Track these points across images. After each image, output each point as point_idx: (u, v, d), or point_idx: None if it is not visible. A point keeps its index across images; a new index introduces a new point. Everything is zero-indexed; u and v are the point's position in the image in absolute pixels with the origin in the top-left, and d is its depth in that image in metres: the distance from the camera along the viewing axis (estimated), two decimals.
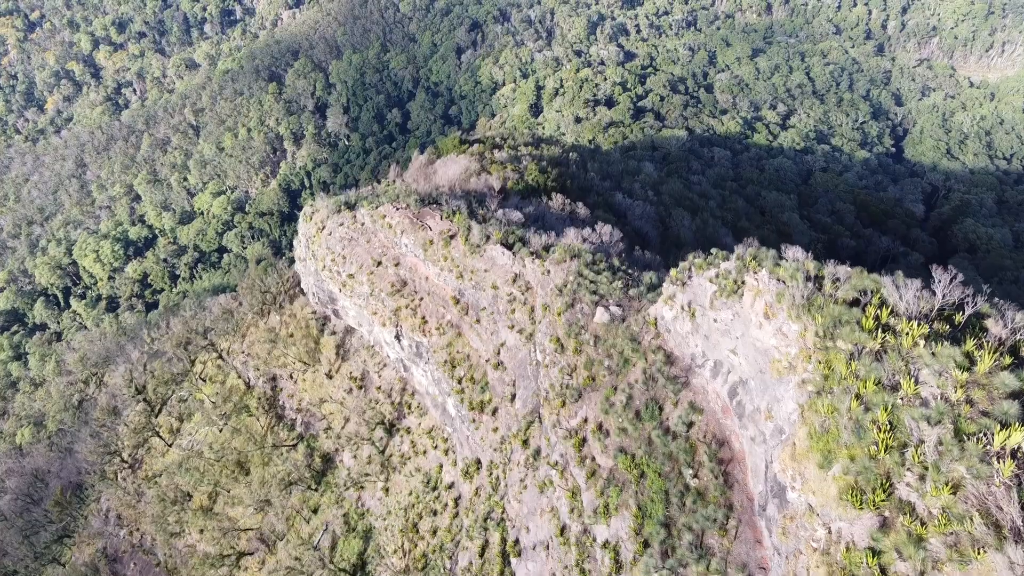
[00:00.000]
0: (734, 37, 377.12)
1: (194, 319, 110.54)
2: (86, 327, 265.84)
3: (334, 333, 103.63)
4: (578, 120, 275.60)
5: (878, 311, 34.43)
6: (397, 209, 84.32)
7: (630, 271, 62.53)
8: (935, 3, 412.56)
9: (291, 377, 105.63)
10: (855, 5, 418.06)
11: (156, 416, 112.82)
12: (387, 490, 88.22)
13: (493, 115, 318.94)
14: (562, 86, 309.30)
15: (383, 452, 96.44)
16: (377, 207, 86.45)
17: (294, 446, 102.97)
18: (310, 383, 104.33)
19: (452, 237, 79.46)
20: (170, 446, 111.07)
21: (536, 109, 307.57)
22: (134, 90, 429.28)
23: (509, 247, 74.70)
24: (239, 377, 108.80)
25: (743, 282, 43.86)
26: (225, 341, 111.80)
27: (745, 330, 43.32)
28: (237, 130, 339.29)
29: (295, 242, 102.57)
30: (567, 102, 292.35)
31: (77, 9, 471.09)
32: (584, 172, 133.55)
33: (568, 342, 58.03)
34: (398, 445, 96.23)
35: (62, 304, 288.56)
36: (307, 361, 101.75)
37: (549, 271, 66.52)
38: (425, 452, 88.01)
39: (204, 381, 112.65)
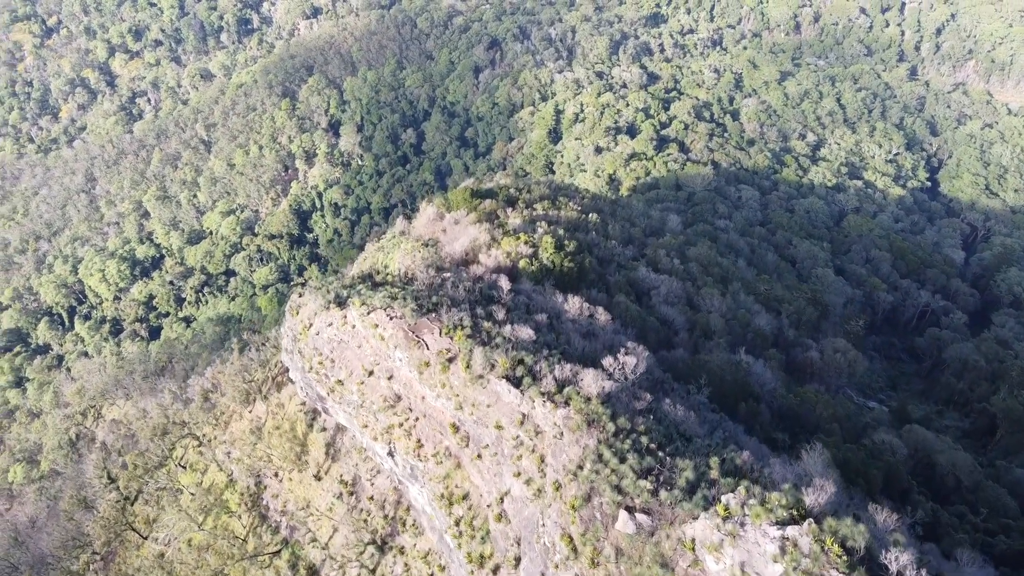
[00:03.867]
0: (761, 58, 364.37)
1: (172, 406, 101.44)
2: (88, 353, 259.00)
3: (324, 430, 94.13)
4: (599, 150, 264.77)
5: None
6: (391, 319, 74.45)
7: (661, 452, 52.02)
8: (971, 24, 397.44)
9: (276, 475, 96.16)
10: (887, 25, 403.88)
11: (132, 504, 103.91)
12: None
13: (511, 139, 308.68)
14: (582, 111, 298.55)
15: (373, 573, 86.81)
16: (369, 312, 76.56)
17: (277, 552, 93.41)
18: (297, 484, 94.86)
19: (451, 360, 69.47)
20: (145, 539, 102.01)
21: (555, 135, 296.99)
22: (148, 100, 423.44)
23: (517, 382, 64.64)
24: (220, 470, 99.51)
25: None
26: (207, 426, 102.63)
27: None
28: (249, 147, 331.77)
29: (282, 329, 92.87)
30: (587, 130, 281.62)
31: (94, 15, 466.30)
32: (605, 239, 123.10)
33: (583, 548, 47.95)
34: (390, 566, 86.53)
35: (66, 324, 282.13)
36: (294, 461, 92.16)
37: (562, 434, 56.42)
38: None
39: (183, 469, 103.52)
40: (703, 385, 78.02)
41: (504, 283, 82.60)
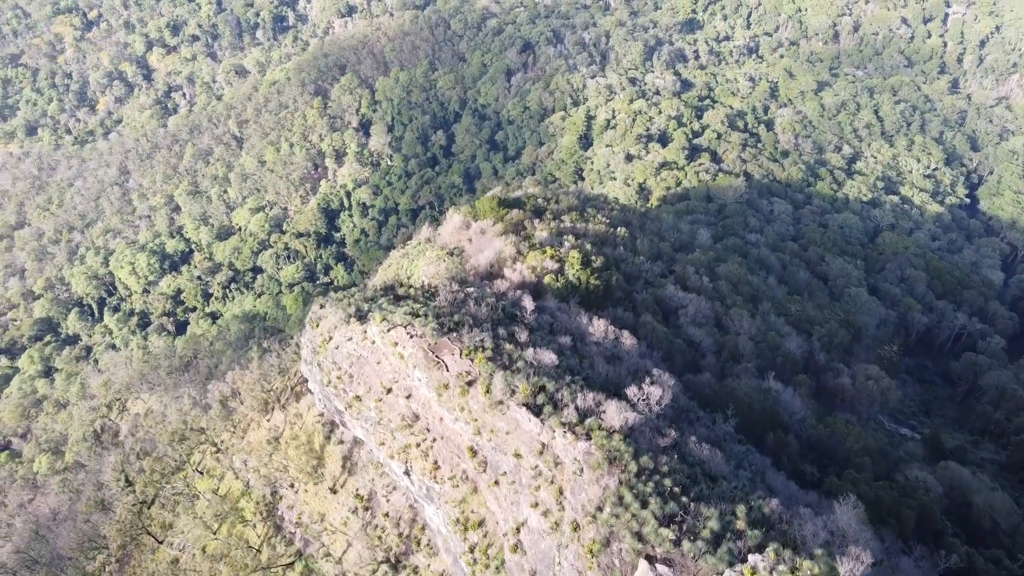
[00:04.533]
0: (798, 68, 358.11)
1: (192, 412, 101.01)
2: (115, 346, 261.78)
3: (341, 442, 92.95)
4: (629, 158, 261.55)
5: None
6: (411, 337, 72.91)
7: (685, 497, 49.78)
8: (1016, 38, 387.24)
9: (292, 486, 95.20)
10: (929, 36, 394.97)
11: (149, 508, 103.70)
12: None
13: (541, 143, 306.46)
14: (614, 117, 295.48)
15: None
16: (389, 329, 75.10)
17: (291, 564, 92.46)
18: (312, 496, 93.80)
19: (471, 384, 67.77)
20: (161, 543, 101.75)
21: (586, 141, 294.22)
22: (183, 94, 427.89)
23: (537, 411, 62.74)
24: (236, 477, 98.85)
25: None
26: (225, 432, 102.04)
27: None
28: (280, 144, 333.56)
29: (302, 339, 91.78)
30: (619, 136, 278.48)
31: (134, 10, 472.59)
32: (633, 254, 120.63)
33: None
34: None
35: (96, 315, 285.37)
36: (309, 473, 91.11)
37: (583, 470, 54.42)
38: None
39: (200, 474, 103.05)
40: (730, 416, 75.40)
41: (528, 303, 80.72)
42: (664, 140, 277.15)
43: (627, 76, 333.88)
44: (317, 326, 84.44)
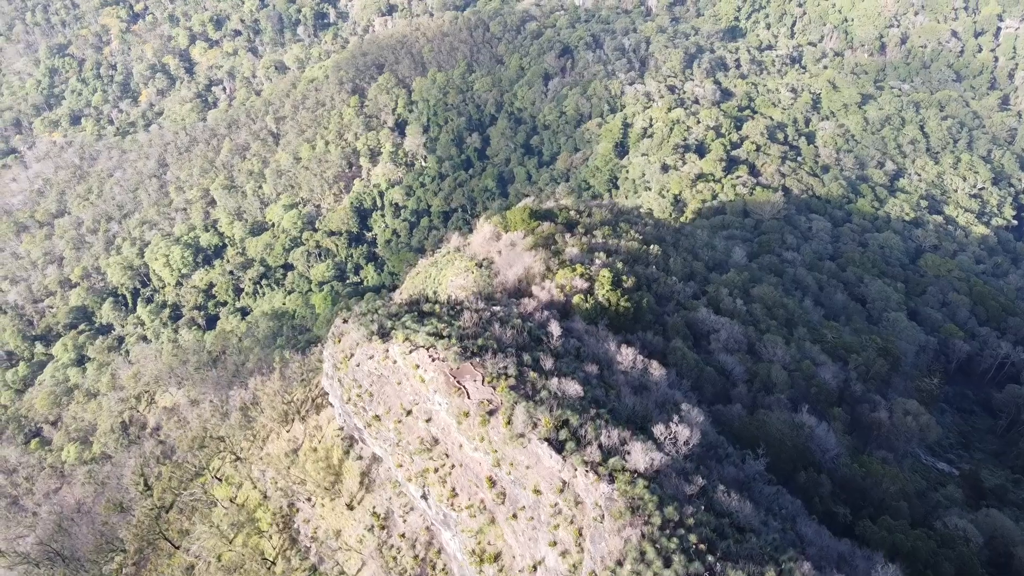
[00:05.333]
0: (842, 79, 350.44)
1: (212, 419, 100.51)
2: (146, 337, 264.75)
3: (360, 458, 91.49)
4: (665, 168, 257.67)
5: None
6: (433, 360, 71.08)
7: (711, 556, 47.19)
8: None
9: (309, 500, 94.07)
10: (980, 51, 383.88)
11: (167, 512, 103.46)
12: None
13: (576, 150, 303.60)
14: (651, 126, 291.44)
15: None
16: (411, 351, 73.33)
17: None
18: (329, 511, 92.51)
19: (492, 413, 65.73)
20: (177, 548, 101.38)
21: (622, 149, 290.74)
22: (223, 88, 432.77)
23: (559, 446, 60.49)
24: (254, 487, 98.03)
25: None
26: (245, 440, 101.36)
27: None
28: (315, 142, 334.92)
29: (325, 354, 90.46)
30: (655, 145, 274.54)
31: (179, 3, 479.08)
32: (665, 274, 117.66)
33: None
34: None
35: (129, 306, 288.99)
36: (326, 488, 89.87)
37: (604, 517, 52.06)
38: None
39: (219, 481, 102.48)
40: (761, 455, 72.41)
41: (555, 327, 78.44)
42: (701, 151, 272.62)
43: (666, 84, 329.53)
44: (339, 341, 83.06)
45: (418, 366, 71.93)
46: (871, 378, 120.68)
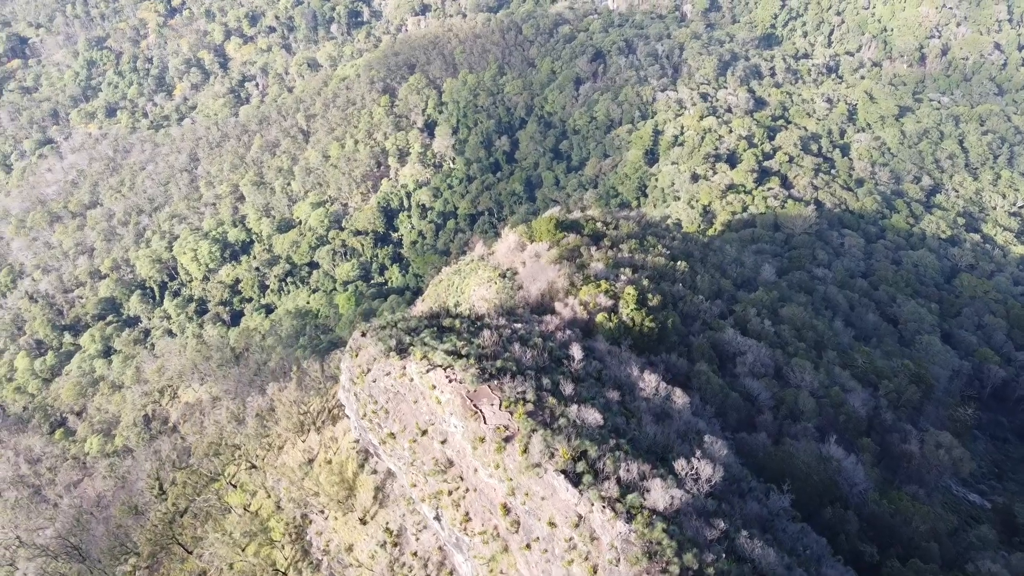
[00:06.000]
0: (879, 91, 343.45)
1: (228, 426, 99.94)
2: (172, 331, 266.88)
3: (375, 472, 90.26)
4: (695, 178, 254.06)
5: None
6: (449, 381, 69.51)
7: None
8: None
9: (322, 512, 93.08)
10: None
11: (181, 516, 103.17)
12: None
13: (606, 156, 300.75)
14: (682, 133, 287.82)
15: None
16: (428, 370, 71.80)
17: None
18: (341, 524, 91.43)
19: (508, 440, 63.97)
20: (190, 553, 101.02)
21: (652, 157, 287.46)
22: (256, 84, 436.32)
23: (576, 479, 58.58)
24: (268, 496, 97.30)
25: None
26: (261, 448, 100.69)
27: None
28: (345, 140, 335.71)
29: (342, 365, 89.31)
30: (686, 154, 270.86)
31: None
32: (692, 292, 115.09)
33: None
34: None
35: (156, 299, 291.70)
36: (340, 502, 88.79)
37: (619, 560, 50.07)
38: None
39: (234, 487, 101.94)
40: (786, 490, 69.86)
41: (576, 351, 76.41)
42: (733, 161, 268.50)
43: (699, 91, 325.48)
44: (356, 356, 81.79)
45: (435, 386, 70.44)
46: (902, 405, 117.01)
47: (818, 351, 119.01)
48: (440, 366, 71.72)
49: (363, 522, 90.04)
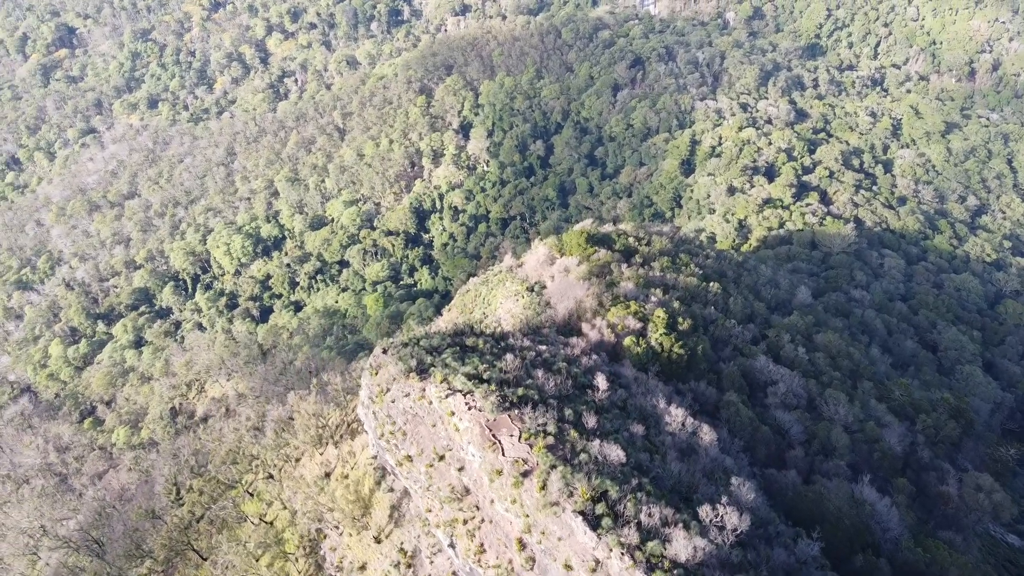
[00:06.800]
0: (925, 105, 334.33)
1: (247, 435, 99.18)
2: (202, 325, 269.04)
3: (391, 491, 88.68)
4: (732, 191, 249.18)
5: None
6: (469, 408, 67.57)
7: None
8: None
9: (337, 527, 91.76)
10: None
11: (198, 522, 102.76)
12: None
13: (641, 164, 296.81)
14: (720, 144, 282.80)
15: None
16: (447, 395, 69.91)
17: None
18: (356, 540, 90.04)
19: (526, 475, 61.78)
20: (205, 559, 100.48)
21: (688, 167, 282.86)
22: (295, 80, 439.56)
23: (595, 522, 56.23)
24: (284, 507, 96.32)
25: None
26: (278, 459, 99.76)
27: None
28: (379, 139, 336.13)
29: (363, 381, 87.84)
30: (723, 166, 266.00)
31: None
32: (724, 315, 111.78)
33: None
34: None
35: (189, 291, 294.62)
36: (354, 519, 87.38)
37: None
38: None
39: (251, 495, 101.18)
40: (816, 537, 66.71)
41: (601, 381, 73.88)
42: (771, 174, 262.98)
43: (738, 101, 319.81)
44: (376, 374, 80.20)
45: (453, 413, 68.53)
46: (940, 441, 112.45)
47: (853, 381, 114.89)
48: (460, 391, 69.82)
49: (378, 540, 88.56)
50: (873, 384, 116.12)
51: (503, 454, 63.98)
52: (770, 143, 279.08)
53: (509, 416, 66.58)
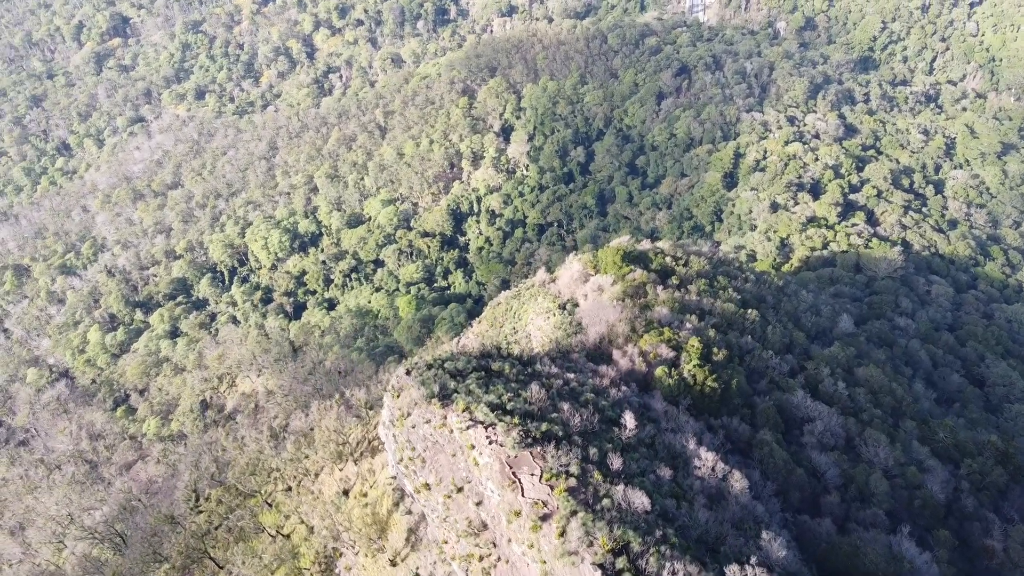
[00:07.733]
0: (982, 125, 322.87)
1: (267, 448, 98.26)
2: (236, 319, 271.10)
3: (409, 513, 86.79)
4: (775, 208, 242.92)
5: None
6: (490, 443, 65.23)
7: None
8: None
9: (353, 546, 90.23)
10: None
11: (216, 530, 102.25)
12: None
13: (683, 175, 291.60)
14: (764, 158, 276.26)
15: None
16: (468, 427, 67.63)
17: None
18: (371, 562, 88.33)
19: (545, 519, 59.26)
20: (221, 567, 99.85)
21: (730, 180, 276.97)
22: (340, 76, 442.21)
23: None
24: (301, 521, 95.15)
25: None
26: (298, 472, 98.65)
27: None
28: (420, 139, 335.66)
29: (384, 400, 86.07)
30: (767, 181, 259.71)
31: None
32: (761, 345, 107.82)
33: None
34: None
35: (225, 284, 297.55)
36: (370, 540, 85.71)
37: None
38: None
39: (269, 506, 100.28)
40: None
41: (630, 419, 70.94)
42: (816, 191, 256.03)
43: (786, 114, 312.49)
44: (398, 396, 78.34)
45: (474, 446, 66.29)
46: (985, 488, 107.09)
47: (895, 419, 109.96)
48: (482, 423, 67.55)
49: (393, 564, 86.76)
50: (916, 424, 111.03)
51: (523, 494, 61.57)
52: (817, 159, 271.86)
53: (531, 453, 64.14)
